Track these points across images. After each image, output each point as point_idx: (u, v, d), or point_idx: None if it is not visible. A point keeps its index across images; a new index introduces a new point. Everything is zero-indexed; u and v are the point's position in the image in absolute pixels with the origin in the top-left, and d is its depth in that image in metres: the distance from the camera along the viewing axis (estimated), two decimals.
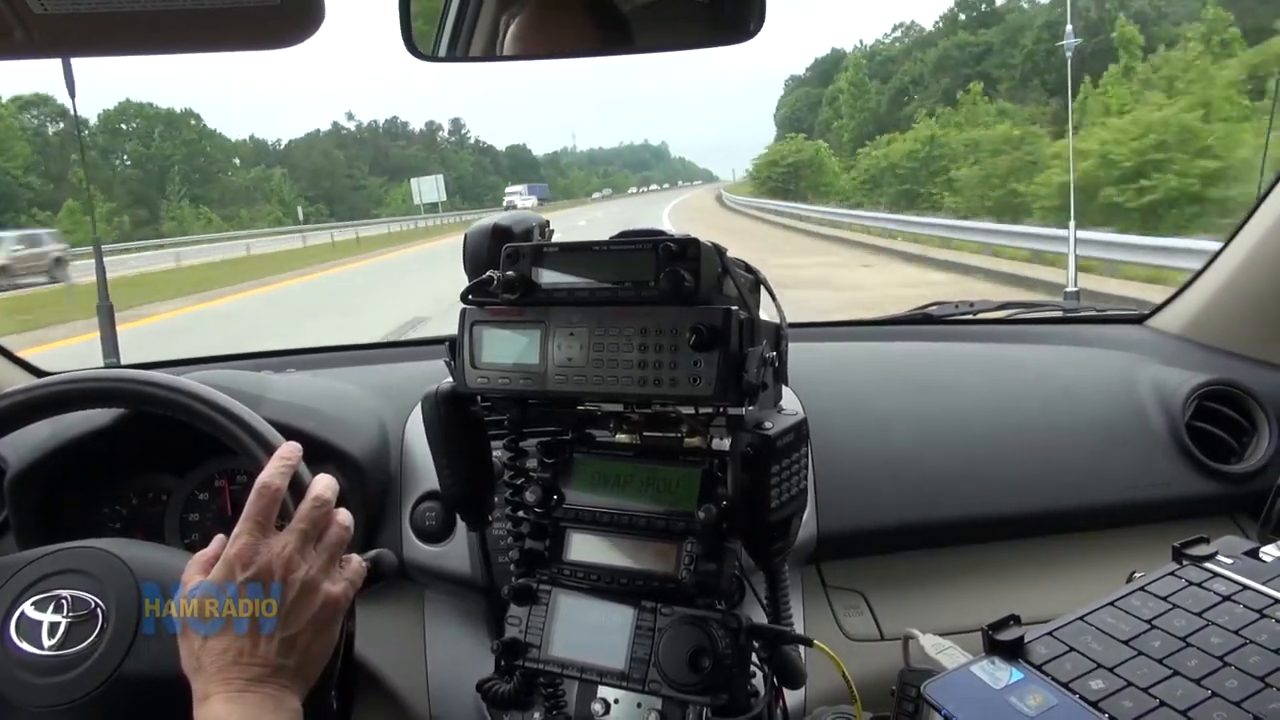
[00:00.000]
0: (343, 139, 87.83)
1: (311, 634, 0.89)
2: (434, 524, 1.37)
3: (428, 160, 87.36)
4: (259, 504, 0.91)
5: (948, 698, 0.81)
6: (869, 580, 1.48)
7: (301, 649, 0.88)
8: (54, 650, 0.96)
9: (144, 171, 56.69)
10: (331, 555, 0.93)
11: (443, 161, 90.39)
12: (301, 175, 72.75)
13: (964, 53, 45.65)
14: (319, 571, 0.91)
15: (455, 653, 1.37)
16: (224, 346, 2.81)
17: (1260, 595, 0.85)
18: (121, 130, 59.55)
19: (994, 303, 1.93)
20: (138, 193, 54.14)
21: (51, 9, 0.77)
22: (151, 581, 1.00)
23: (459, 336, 0.92)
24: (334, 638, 0.92)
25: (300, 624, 0.88)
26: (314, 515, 0.93)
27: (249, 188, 62.77)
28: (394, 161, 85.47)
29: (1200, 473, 1.53)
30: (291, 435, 1.05)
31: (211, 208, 54.39)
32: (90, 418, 1.33)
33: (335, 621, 0.92)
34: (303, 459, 0.99)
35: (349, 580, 0.94)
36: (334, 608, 0.91)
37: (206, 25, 0.83)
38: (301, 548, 0.90)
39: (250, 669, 0.84)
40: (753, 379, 0.82)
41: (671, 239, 0.85)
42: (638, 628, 0.88)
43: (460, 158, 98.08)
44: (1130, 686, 0.78)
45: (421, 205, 46.21)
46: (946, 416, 1.54)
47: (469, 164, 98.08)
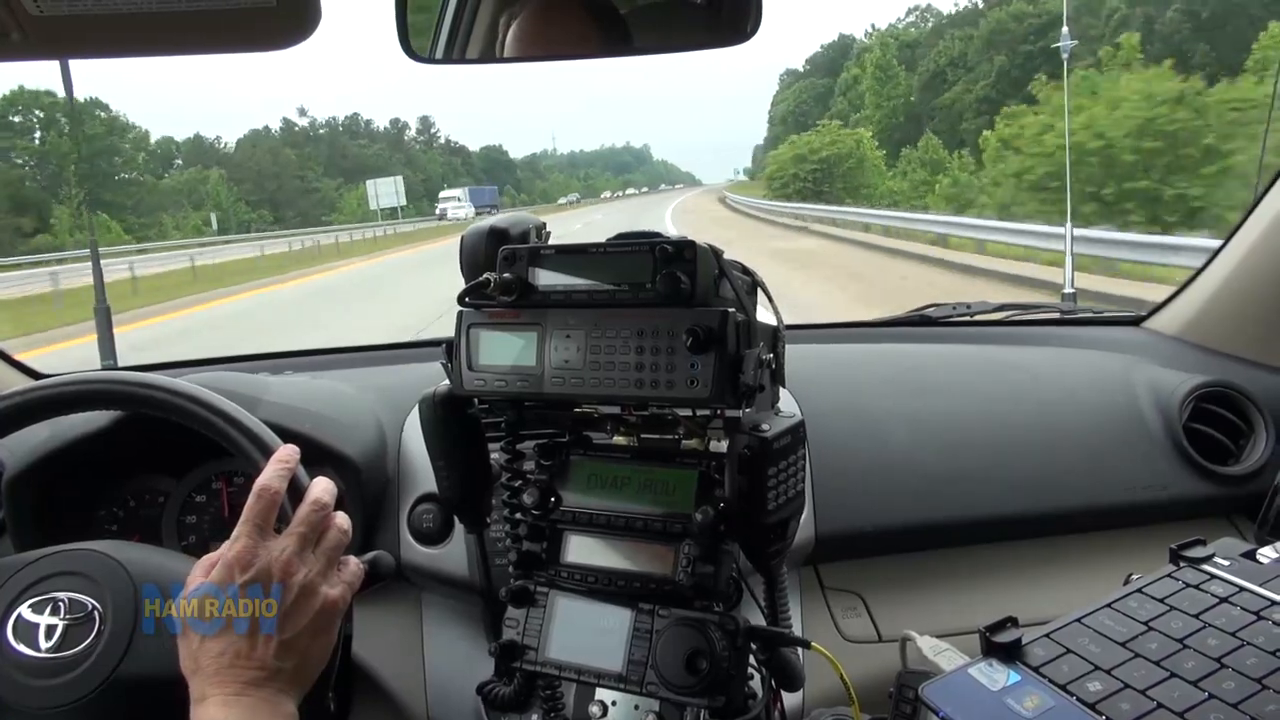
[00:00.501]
0: (295, 137, 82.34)
1: (309, 637, 0.89)
2: (432, 526, 1.36)
3: (391, 161, 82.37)
4: (257, 507, 0.91)
5: (945, 700, 0.82)
6: (867, 582, 1.48)
7: (299, 652, 0.88)
8: (51, 652, 0.96)
9: (40, 172, 49.20)
10: (330, 559, 0.93)
11: (408, 162, 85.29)
12: (245, 177, 64.95)
13: (1023, 25, 41.00)
14: (317, 575, 0.91)
15: (453, 655, 1.37)
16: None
17: (1257, 597, 0.86)
18: (13, 124, 50.41)
19: (991, 305, 1.93)
20: (24, 197, 45.27)
21: (48, 10, 0.77)
22: (151, 582, 1.00)
23: (456, 339, 0.92)
24: (331, 641, 0.92)
25: (298, 627, 0.88)
26: (312, 519, 0.93)
27: (179, 191, 56.79)
28: (353, 161, 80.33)
29: (1197, 474, 1.53)
30: (288, 437, 1.05)
31: (126, 214, 47.54)
32: (88, 420, 1.32)
33: (333, 625, 0.92)
34: (300, 461, 0.99)
35: (347, 583, 0.94)
36: (332, 611, 0.91)
37: (203, 27, 0.83)
38: (300, 551, 0.90)
39: (247, 671, 0.85)
40: (750, 381, 0.82)
41: (668, 241, 0.85)
42: (635, 630, 0.88)
43: (429, 158, 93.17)
44: (1128, 688, 0.78)
45: (379, 210, 42.31)
46: (944, 418, 1.54)
47: (438, 165, 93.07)
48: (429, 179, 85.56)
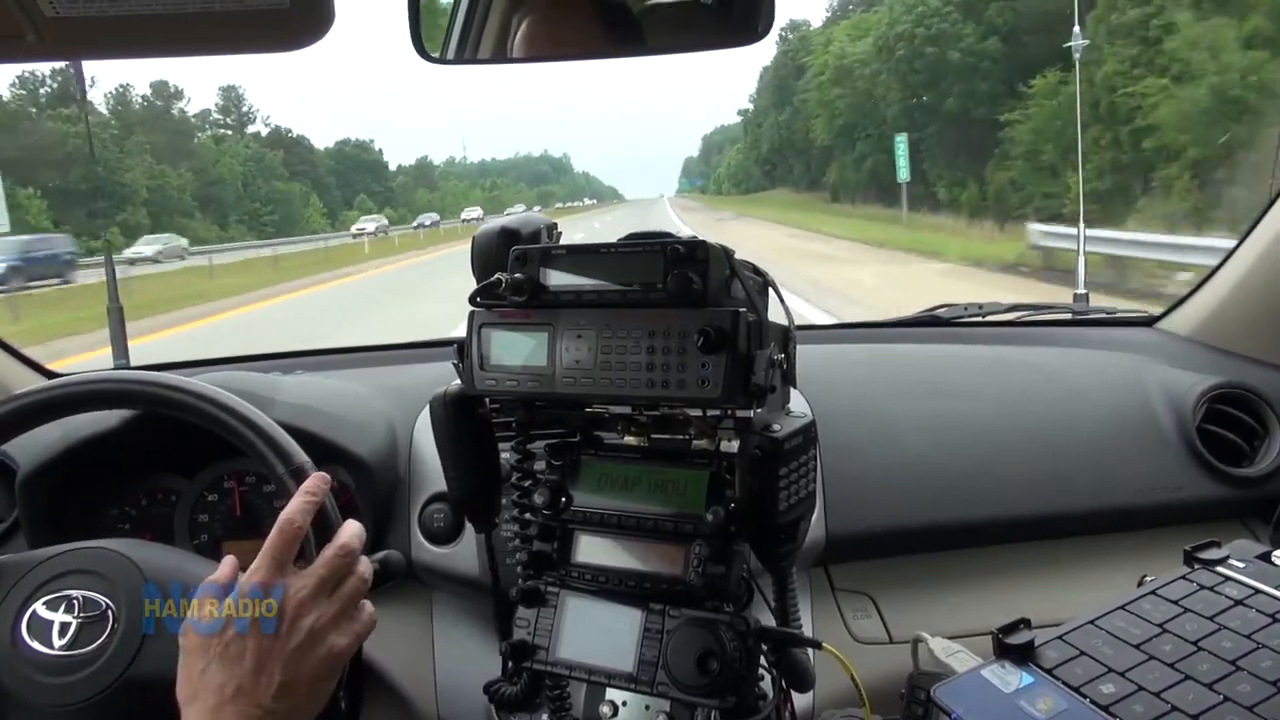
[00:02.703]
0: None
1: (310, 683, 0.88)
2: (442, 525, 1.37)
3: None
4: (279, 541, 0.90)
5: (958, 701, 0.81)
6: (878, 583, 1.47)
7: (298, 697, 0.87)
8: (64, 650, 0.97)
9: None
10: (344, 607, 0.92)
11: None
12: None
13: None
14: (329, 621, 0.90)
15: (463, 654, 1.37)
16: None
17: (1273, 599, 0.85)
18: None
19: (1003, 305, 1.93)
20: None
21: (63, 11, 0.78)
22: (151, 583, 1.01)
23: (467, 338, 0.92)
24: (330, 688, 0.91)
25: (300, 671, 0.87)
26: (336, 564, 0.92)
27: None
28: None
29: (1211, 476, 1.52)
30: (300, 436, 1.06)
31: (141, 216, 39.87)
32: (99, 419, 1.33)
33: (335, 673, 0.91)
34: (312, 460, 0.99)
35: (357, 634, 0.93)
36: (337, 660, 0.91)
37: (216, 28, 0.83)
38: (316, 595, 0.90)
39: (245, 709, 0.84)
40: (761, 381, 0.81)
41: (679, 241, 0.85)
42: (646, 630, 0.87)
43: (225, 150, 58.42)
44: (1142, 691, 0.77)
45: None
46: (955, 418, 1.54)
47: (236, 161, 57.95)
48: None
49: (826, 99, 41.38)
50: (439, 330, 3.70)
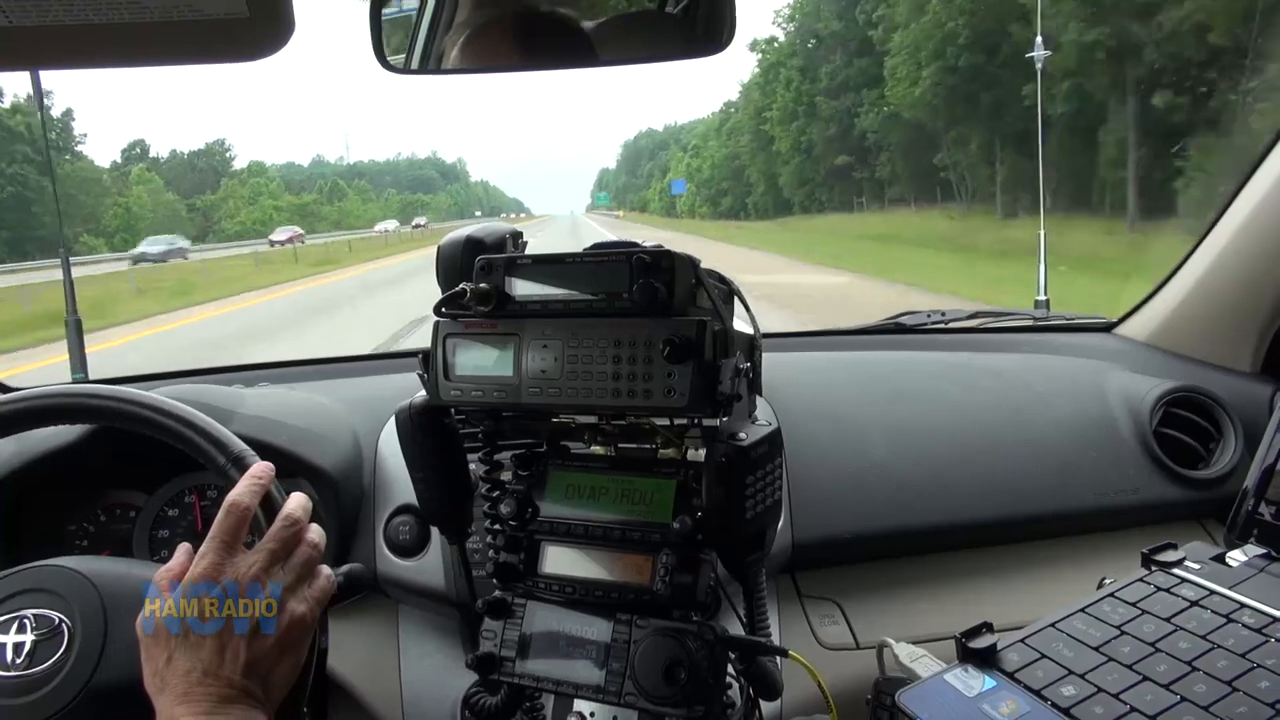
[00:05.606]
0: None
1: (277, 654, 0.88)
2: (408, 538, 1.36)
3: None
4: (226, 522, 0.90)
5: (922, 706, 0.82)
6: (844, 589, 1.48)
7: (266, 669, 0.87)
8: (21, 670, 0.95)
9: None
10: (299, 575, 0.92)
11: None
12: None
13: None
14: (285, 591, 0.89)
15: (430, 667, 1.36)
16: None
17: (1227, 600, 0.87)
18: None
19: (965, 312, 1.96)
20: None
21: (16, 21, 0.76)
22: (117, 594, 0.99)
23: (432, 349, 0.91)
24: (300, 657, 0.91)
25: (264, 645, 0.87)
26: (283, 534, 0.92)
27: None
28: None
29: (1169, 479, 1.55)
30: (263, 450, 1.04)
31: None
32: (56, 434, 1.31)
33: (302, 642, 0.91)
34: (276, 476, 0.98)
35: (315, 599, 0.93)
36: (300, 628, 0.90)
37: (175, 38, 0.82)
38: (268, 567, 0.89)
39: (216, 689, 0.83)
40: (727, 390, 0.82)
41: (645, 251, 0.85)
42: (613, 640, 0.87)
43: None
44: (1101, 693, 0.79)
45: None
46: (919, 425, 1.56)
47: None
48: None
49: None
50: None
